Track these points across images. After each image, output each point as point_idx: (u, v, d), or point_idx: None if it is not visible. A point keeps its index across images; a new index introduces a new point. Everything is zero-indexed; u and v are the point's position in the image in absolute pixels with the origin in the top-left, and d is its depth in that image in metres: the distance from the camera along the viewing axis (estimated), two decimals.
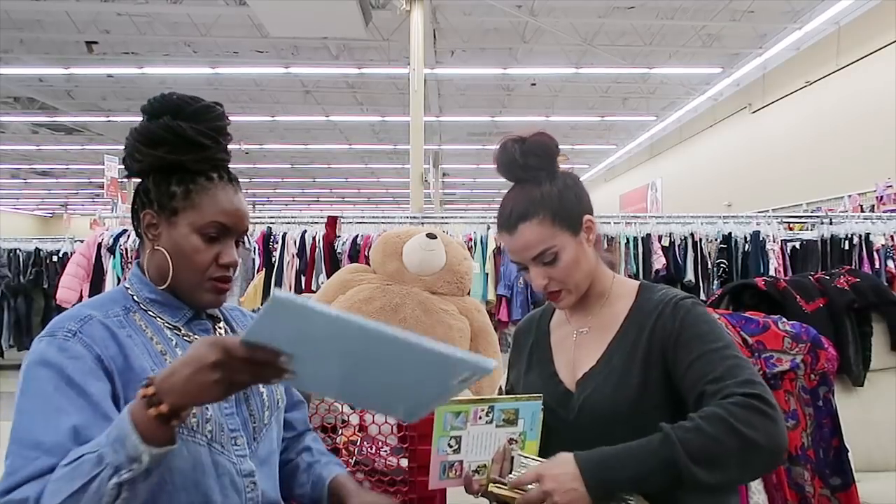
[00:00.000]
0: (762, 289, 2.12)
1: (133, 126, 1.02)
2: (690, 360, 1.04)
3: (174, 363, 0.78)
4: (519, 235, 1.14)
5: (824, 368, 1.84)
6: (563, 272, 1.14)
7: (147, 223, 1.00)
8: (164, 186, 0.99)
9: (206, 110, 1.01)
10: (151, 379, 0.78)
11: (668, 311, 1.11)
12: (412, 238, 2.68)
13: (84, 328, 0.91)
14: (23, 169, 19.62)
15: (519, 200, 1.15)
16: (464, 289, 2.74)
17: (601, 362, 1.14)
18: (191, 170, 0.99)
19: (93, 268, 4.95)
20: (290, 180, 21.50)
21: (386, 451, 1.50)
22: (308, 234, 5.11)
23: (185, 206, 0.98)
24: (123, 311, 0.98)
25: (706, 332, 1.07)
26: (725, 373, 1.00)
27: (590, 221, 1.17)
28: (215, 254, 1.00)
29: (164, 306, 1.01)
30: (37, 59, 10.21)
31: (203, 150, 0.99)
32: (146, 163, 0.99)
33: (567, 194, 1.15)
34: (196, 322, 1.04)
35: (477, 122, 14.42)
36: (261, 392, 1.06)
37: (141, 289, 1.01)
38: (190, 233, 0.98)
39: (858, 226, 5.14)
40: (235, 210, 1.01)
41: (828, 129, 9.20)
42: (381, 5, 8.10)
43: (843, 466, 1.80)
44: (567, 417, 1.13)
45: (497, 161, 1.18)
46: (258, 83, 11.81)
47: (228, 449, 0.97)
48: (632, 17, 9.09)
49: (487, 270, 5.11)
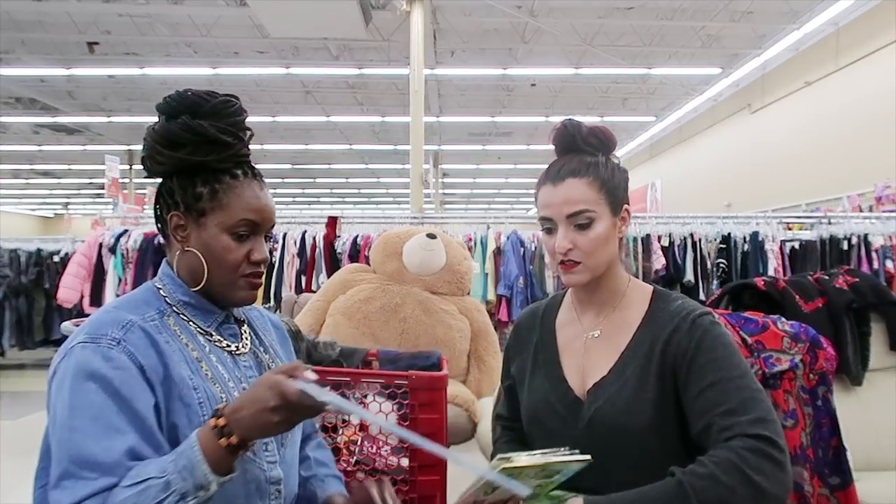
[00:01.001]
0: (761, 289, 2.13)
1: (150, 126, 0.99)
2: (703, 387, 1.01)
3: (241, 398, 0.83)
4: (564, 187, 1.11)
5: (823, 368, 1.84)
6: (590, 243, 1.10)
7: (174, 225, 0.99)
8: (190, 188, 0.97)
9: (224, 106, 0.99)
10: (221, 410, 0.83)
11: (684, 328, 1.06)
12: (412, 238, 2.69)
13: (128, 336, 0.89)
14: (24, 169, 19.61)
15: (573, 160, 1.14)
16: (464, 289, 2.75)
17: (613, 372, 1.10)
18: (215, 169, 0.98)
19: (94, 268, 4.96)
20: (291, 180, 21.49)
21: (387, 450, 1.51)
22: (308, 234, 5.12)
23: (213, 207, 0.97)
24: (158, 315, 0.96)
25: (722, 357, 1.03)
26: (739, 406, 0.97)
27: (627, 212, 1.15)
28: (247, 251, 0.99)
29: (196, 309, 1.00)
30: (38, 59, 10.21)
31: (226, 149, 0.98)
32: (168, 165, 0.98)
33: (618, 176, 1.14)
34: (225, 326, 1.03)
35: (477, 122, 14.42)
36: None
37: (174, 290, 0.99)
38: (220, 233, 0.97)
39: (857, 226, 5.15)
40: (263, 206, 1.00)
41: (827, 130, 9.20)
42: (381, 6, 8.10)
43: (842, 466, 1.80)
44: (575, 426, 1.10)
45: (556, 132, 1.17)
46: (258, 83, 11.82)
47: (260, 456, 0.97)
48: (631, 17, 9.10)
49: (487, 270, 5.11)
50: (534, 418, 1.17)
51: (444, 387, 1.48)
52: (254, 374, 1.02)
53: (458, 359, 2.58)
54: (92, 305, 4.96)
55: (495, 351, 2.72)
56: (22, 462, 0.95)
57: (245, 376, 1.00)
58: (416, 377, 1.46)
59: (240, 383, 0.98)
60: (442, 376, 1.48)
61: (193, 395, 0.91)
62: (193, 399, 0.91)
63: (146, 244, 4.82)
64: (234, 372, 0.99)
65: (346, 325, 2.53)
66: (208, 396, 0.92)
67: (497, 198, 27.32)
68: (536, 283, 5.10)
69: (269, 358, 1.08)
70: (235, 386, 0.97)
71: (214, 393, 0.93)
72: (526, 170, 20.17)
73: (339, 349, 1.69)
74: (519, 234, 5.23)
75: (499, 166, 19.64)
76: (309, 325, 2.59)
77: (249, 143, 1.03)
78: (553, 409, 1.12)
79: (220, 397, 0.93)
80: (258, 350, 1.07)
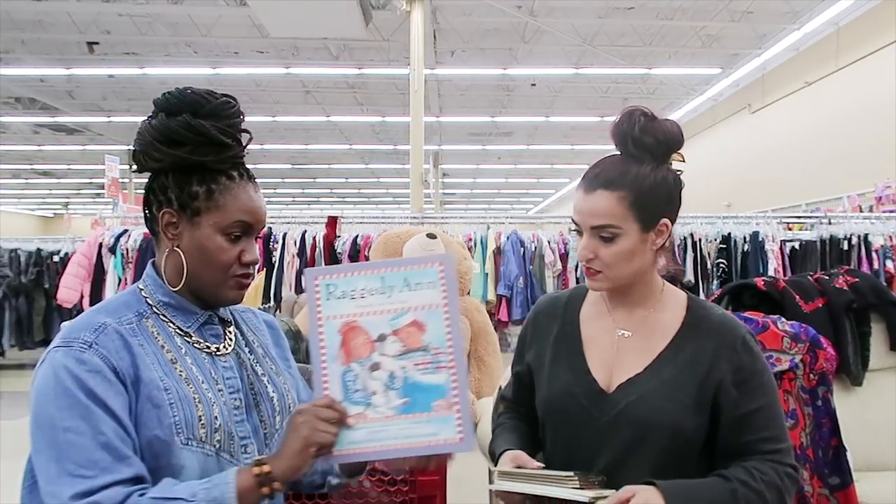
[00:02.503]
0: (761, 289, 2.13)
1: (146, 120, 0.99)
2: (751, 409, 1.08)
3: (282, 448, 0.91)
4: (592, 198, 1.09)
5: (823, 368, 1.85)
6: (612, 257, 1.09)
7: (166, 222, 0.99)
8: (186, 186, 0.97)
9: (225, 107, 0.99)
10: (264, 459, 0.90)
11: (737, 347, 1.10)
12: (412, 238, 2.69)
13: (100, 339, 0.91)
14: (24, 169, 19.61)
15: (612, 168, 1.10)
16: (464, 289, 2.75)
17: (648, 371, 1.11)
18: (212, 169, 0.98)
19: (94, 268, 4.97)
20: (291, 180, 21.49)
21: None
22: (308, 234, 5.12)
23: (209, 207, 0.97)
24: (136, 317, 0.97)
25: (767, 383, 1.11)
26: (779, 434, 1.09)
27: (665, 226, 1.12)
28: (238, 252, 1.00)
29: (176, 310, 1.00)
30: (38, 59, 10.21)
31: (225, 150, 0.98)
32: (165, 162, 0.97)
33: (659, 189, 1.10)
34: (208, 326, 1.03)
35: (477, 122, 14.42)
36: (271, 397, 1.06)
37: (155, 291, 1.00)
38: (214, 233, 0.98)
39: (857, 226, 5.15)
40: (257, 208, 1.01)
41: (827, 130, 9.20)
42: (381, 5, 8.10)
43: (842, 466, 1.81)
44: (599, 418, 1.11)
45: (615, 125, 1.13)
46: (258, 83, 11.82)
47: (238, 458, 0.98)
48: (631, 17, 9.09)
49: (487, 270, 5.11)
50: (553, 408, 1.17)
51: None
52: (233, 374, 1.02)
53: None
54: (92, 305, 4.96)
55: (495, 351, 2.72)
56: (21, 462, 0.96)
57: (223, 377, 1.00)
58: None
59: (215, 384, 0.98)
60: None
61: (164, 397, 0.92)
62: (164, 400, 0.91)
63: (146, 244, 4.81)
64: (210, 373, 0.99)
65: None
66: (180, 397, 0.93)
67: (497, 198, 27.32)
68: (536, 283, 5.10)
69: (255, 359, 1.07)
70: (210, 387, 0.97)
71: (187, 393, 0.94)
72: (526, 170, 20.18)
73: None
74: (519, 234, 5.24)
75: (499, 166, 19.64)
76: None
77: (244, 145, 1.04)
78: (576, 401, 1.12)
79: (192, 398, 0.94)
80: (242, 351, 1.06)
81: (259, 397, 1.04)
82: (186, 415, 0.92)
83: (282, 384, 1.09)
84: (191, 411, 0.93)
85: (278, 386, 1.08)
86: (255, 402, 1.03)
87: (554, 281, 5.13)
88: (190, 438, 0.92)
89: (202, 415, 0.93)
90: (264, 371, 1.07)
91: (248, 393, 1.02)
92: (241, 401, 1.00)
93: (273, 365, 1.10)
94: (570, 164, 18.35)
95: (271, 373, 1.08)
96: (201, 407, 0.94)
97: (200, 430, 0.93)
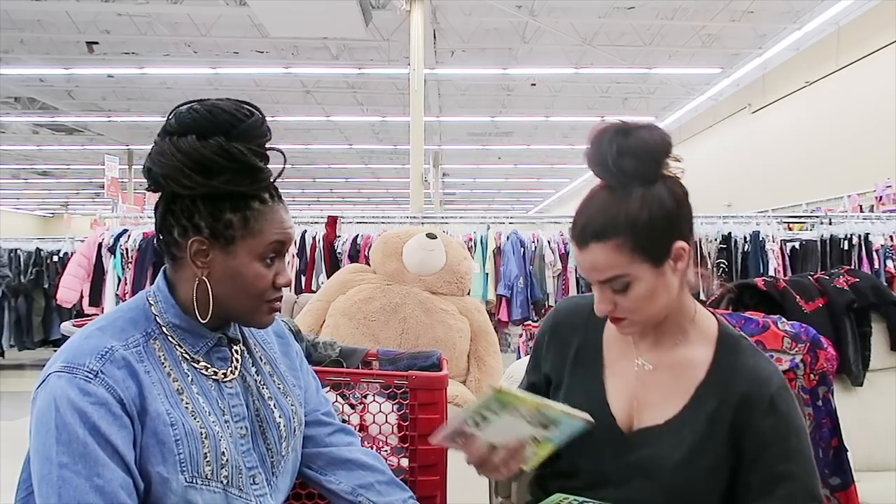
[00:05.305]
0: (762, 289, 2.12)
1: (172, 142, 0.89)
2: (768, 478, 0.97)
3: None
4: (589, 253, 0.96)
5: (824, 368, 1.84)
6: (632, 304, 0.97)
7: (195, 250, 0.91)
8: (218, 213, 0.90)
9: (256, 125, 0.92)
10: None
11: (761, 406, 0.98)
12: (412, 238, 2.68)
13: (106, 367, 0.85)
14: (23, 169, 19.61)
15: (598, 212, 0.96)
16: (464, 289, 2.75)
17: (668, 427, 1.01)
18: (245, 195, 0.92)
19: (93, 268, 4.97)
20: (290, 180, 21.50)
21: (386, 450, 1.50)
22: (308, 234, 5.12)
23: (244, 235, 0.91)
24: (143, 338, 0.91)
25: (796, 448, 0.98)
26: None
27: (681, 249, 0.98)
28: (273, 276, 0.95)
29: (186, 332, 0.95)
30: (37, 59, 10.21)
31: (260, 174, 0.92)
32: (197, 191, 0.89)
33: (658, 216, 0.95)
34: (216, 349, 0.98)
35: (477, 122, 14.42)
36: (277, 423, 1.01)
37: (166, 310, 0.94)
38: (251, 261, 0.93)
39: (858, 226, 5.15)
40: (289, 227, 0.96)
41: (827, 130, 9.20)
42: (381, 5, 8.10)
43: (843, 466, 1.80)
44: (613, 457, 1.03)
45: (589, 152, 0.97)
46: (258, 83, 11.82)
47: (247, 490, 0.94)
48: (632, 17, 9.10)
49: (487, 270, 5.11)
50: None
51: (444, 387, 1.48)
52: (239, 402, 0.98)
53: (459, 359, 2.57)
54: (91, 305, 4.96)
55: (495, 351, 2.71)
56: (21, 463, 0.94)
57: (229, 405, 0.96)
58: (416, 377, 1.45)
59: (222, 415, 0.94)
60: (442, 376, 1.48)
61: (170, 433, 0.87)
62: (169, 436, 0.87)
63: (146, 244, 4.81)
64: (217, 402, 0.95)
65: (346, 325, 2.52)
66: (186, 432, 0.88)
67: (497, 198, 27.33)
68: (536, 283, 5.09)
69: (261, 380, 1.03)
70: (217, 419, 0.93)
71: (194, 428, 0.89)
72: (526, 170, 20.19)
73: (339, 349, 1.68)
74: (519, 234, 5.23)
75: (499, 166, 19.65)
76: (309, 325, 2.59)
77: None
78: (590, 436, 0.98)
79: (199, 432, 0.89)
80: (248, 373, 1.02)
81: (265, 423, 1.00)
82: (192, 451, 0.88)
83: (288, 406, 1.05)
84: (196, 447, 0.89)
85: (285, 410, 1.04)
86: (262, 428, 1.00)
87: (554, 281, 5.12)
88: (195, 476, 0.88)
89: (207, 451, 0.89)
90: (271, 394, 1.03)
91: (253, 420, 0.99)
92: (247, 429, 0.97)
93: (281, 383, 1.06)
94: (570, 164, 18.37)
95: (278, 394, 1.04)
96: (207, 443, 0.90)
97: (206, 468, 0.89)
